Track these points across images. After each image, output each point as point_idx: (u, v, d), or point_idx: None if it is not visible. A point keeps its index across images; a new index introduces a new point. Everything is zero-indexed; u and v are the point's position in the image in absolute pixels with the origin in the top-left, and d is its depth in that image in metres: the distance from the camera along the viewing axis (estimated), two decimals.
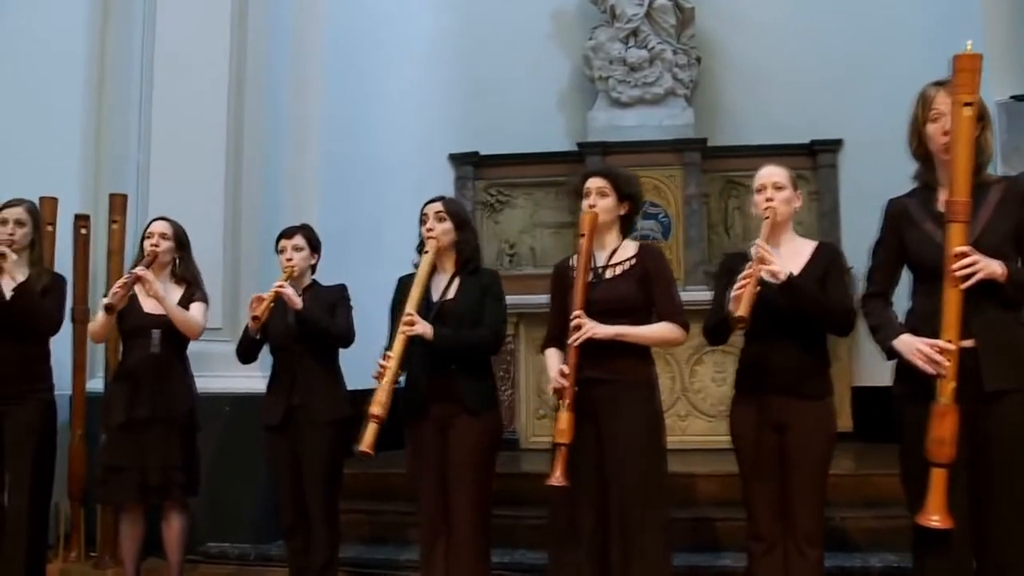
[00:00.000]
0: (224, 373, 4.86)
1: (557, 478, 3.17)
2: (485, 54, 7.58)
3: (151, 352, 4.05)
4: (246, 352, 4.11)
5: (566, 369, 3.29)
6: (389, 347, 3.56)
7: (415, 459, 3.67)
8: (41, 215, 4.36)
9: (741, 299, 3.09)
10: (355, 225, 6.17)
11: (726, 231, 7.30)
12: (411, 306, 3.49)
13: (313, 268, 4.17)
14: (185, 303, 4.13)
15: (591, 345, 3.31)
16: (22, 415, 4.04)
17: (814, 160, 7.22)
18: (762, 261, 3.16)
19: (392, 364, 3.39)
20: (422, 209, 3.74)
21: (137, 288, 4.04)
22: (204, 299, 4.21)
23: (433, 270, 3.66)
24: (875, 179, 4.74)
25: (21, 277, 4.01)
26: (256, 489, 5.10)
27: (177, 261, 4.21)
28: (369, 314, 4.17)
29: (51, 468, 4.24)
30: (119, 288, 3.90)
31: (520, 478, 4.92)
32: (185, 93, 5.51)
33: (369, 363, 4.15)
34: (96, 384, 5.10)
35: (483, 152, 7.47)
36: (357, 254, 5.84)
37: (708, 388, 6.51)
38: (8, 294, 4.03)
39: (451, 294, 3.68)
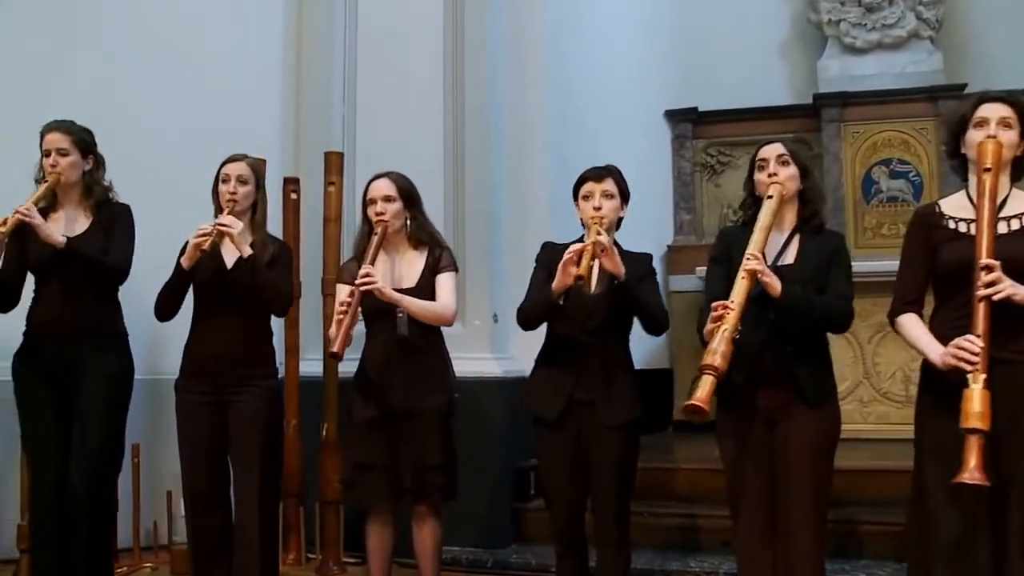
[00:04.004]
0: (452, 355, 4.23)
1: (972, 474, 2.39)
2: (700, 3, 6.92)
3: (399, 334, 3.41)
4: (541, 321, 3.36)
5: (976, 338, 2.52)
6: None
7: (737, 456, 3.01)
8: (261, 174, 3.78)
9: None
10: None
11: None
12: (755, 248, 2.82)
13: (619, 223, 3.38)
14: (430, 274, 3.49)
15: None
16: (247, 406, 3.51)
17: None
18: None
19: (735, 311, 2.68)
20: (756, 154, 3.11)
21: (381, 258, 3.44)
22: (452, 263, 3.54)
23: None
24: None
25: (245, 243, 3.47)
26: (488, 487, 4.52)
27: (409, 222, 3.53)
28: None
29: (279, 464, 3.75)
30: (342, 317, 3.24)
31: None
32: (396, 42, 4.94)
33: None
34: (309, 367, 4.56)
35: (700, 108, 6.74)
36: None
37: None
38: (229, 263, 3.54)
39: (790, 257, 3.01)
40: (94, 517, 3.57)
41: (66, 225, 3.65)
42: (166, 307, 3.54)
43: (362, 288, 3.24)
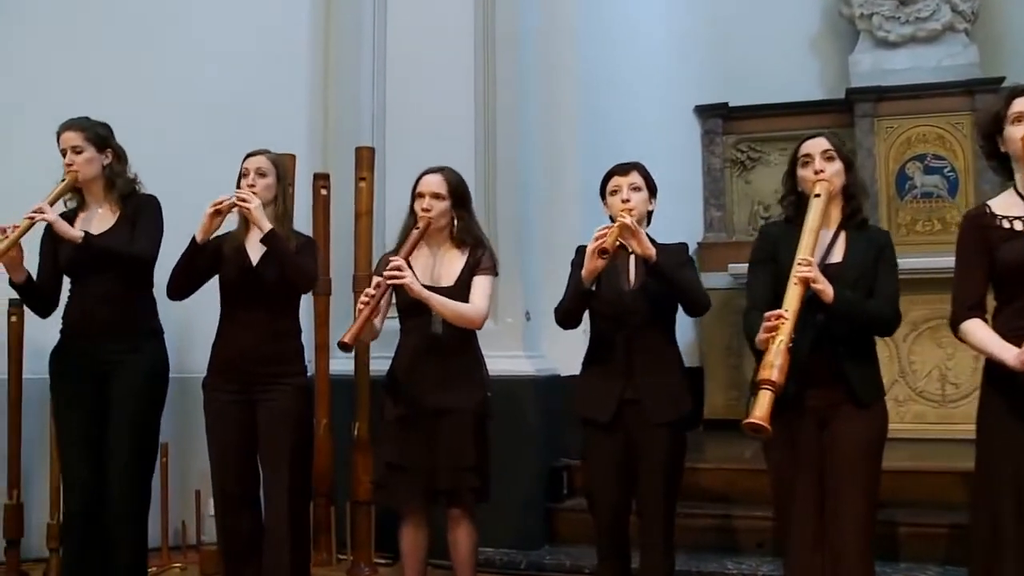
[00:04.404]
0: (484, 353, 4.17)
1: None
2: None
3: (433, 332, 3.34)
4: (576, 314, 3.27)
5: None
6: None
7: (785, 457, 2.93)
8: (286, 168, 3.73)
9: None
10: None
11: None
12: (805, 252, 2.75)
13: (649, 217, 3.33)
14: (468, 273, 3.41)
15: None
16: (276, 405, 3.45)
17: None
18: None
19: (789, 320, 2.62)
20: (799, 149, 3.03)
21: (423, 253, 3.38)
22: (492, 267, 3.44)
23: None
24: None
25: (264, 220, 3.41)
26: (521, 487, 4.42)
27: (455, 221, 3.45)
28: None
29: (309, 464, 3.68)
30: (363, 307, 3.14)
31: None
32: (426, 37, 4.88)
33: None
34: (340, 365, 4.50)
35: (730, 104, 6.67)
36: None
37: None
38: (255, 258, 3.47)
39: (837, 255, 2.94)
40: (129, 518, 3.52)
41: (94, 222, 3.60)
42: (177, 284, 3.48)
43: (390, 281, 3.18)
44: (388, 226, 4.61)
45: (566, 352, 4.70)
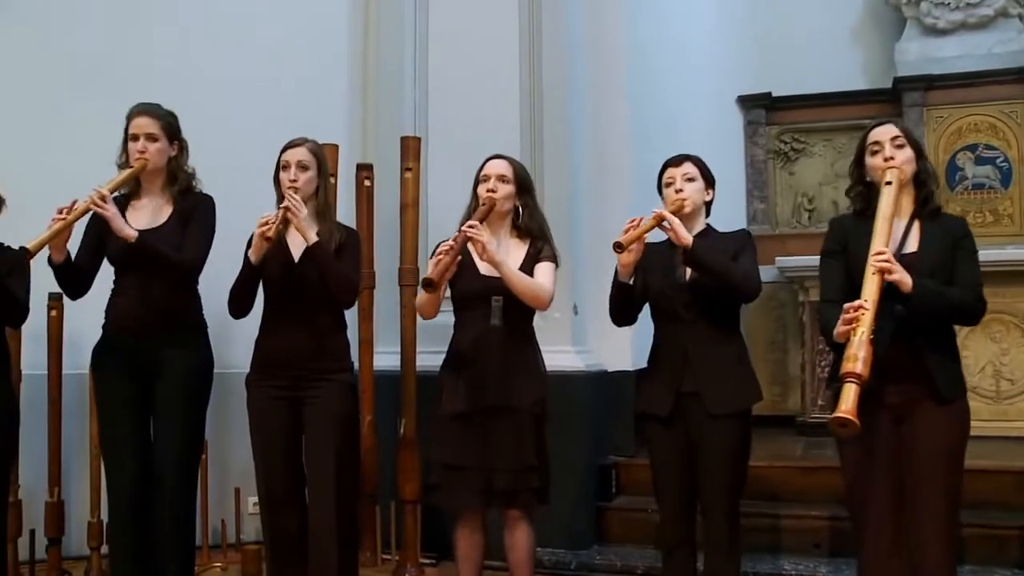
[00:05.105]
0: None
1: None
2: None
3: (492, 325, 3.21)
4: (623, 309, 3.22)
5: None
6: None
7: (863, 458, 2.81)
8: (326, 159, 3.61)
9: None
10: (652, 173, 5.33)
11: None
12: (881, 242, 2.67)
13: (708, 208, 3.25)
14: (530, 263, 3.29)
15: None
16: (323, 403, 3.35)
17: None
18: None
19: (869, 311, 2.55)
20: (867, 137, 2.93)
21: (470, 245, 3.25)
22: (553, 257, 3.34)
23: None
24: None
25: (311, 229, 3.32)
26: (570, 485, 4.28)
27: (520, 210, 3.35)
28: None
29: (356, 463, 3.59)
30: (443, 255, 3.06)
31: None
32: (469, 24, 4.75)
33: None
34: (384, 361, 4.41)
35: (774, 94, 6.55)
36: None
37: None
38: (296, 254, 3.38)
39: (912, 245, 2.84)
40: (178, 517, 3.43)
41: (148, 213, 3.49)
42: (239, 304, 3.40)
43: (469, 234, 3.08)
44: (431, 217, 4.52)
45: (613, 347, 4.62)
